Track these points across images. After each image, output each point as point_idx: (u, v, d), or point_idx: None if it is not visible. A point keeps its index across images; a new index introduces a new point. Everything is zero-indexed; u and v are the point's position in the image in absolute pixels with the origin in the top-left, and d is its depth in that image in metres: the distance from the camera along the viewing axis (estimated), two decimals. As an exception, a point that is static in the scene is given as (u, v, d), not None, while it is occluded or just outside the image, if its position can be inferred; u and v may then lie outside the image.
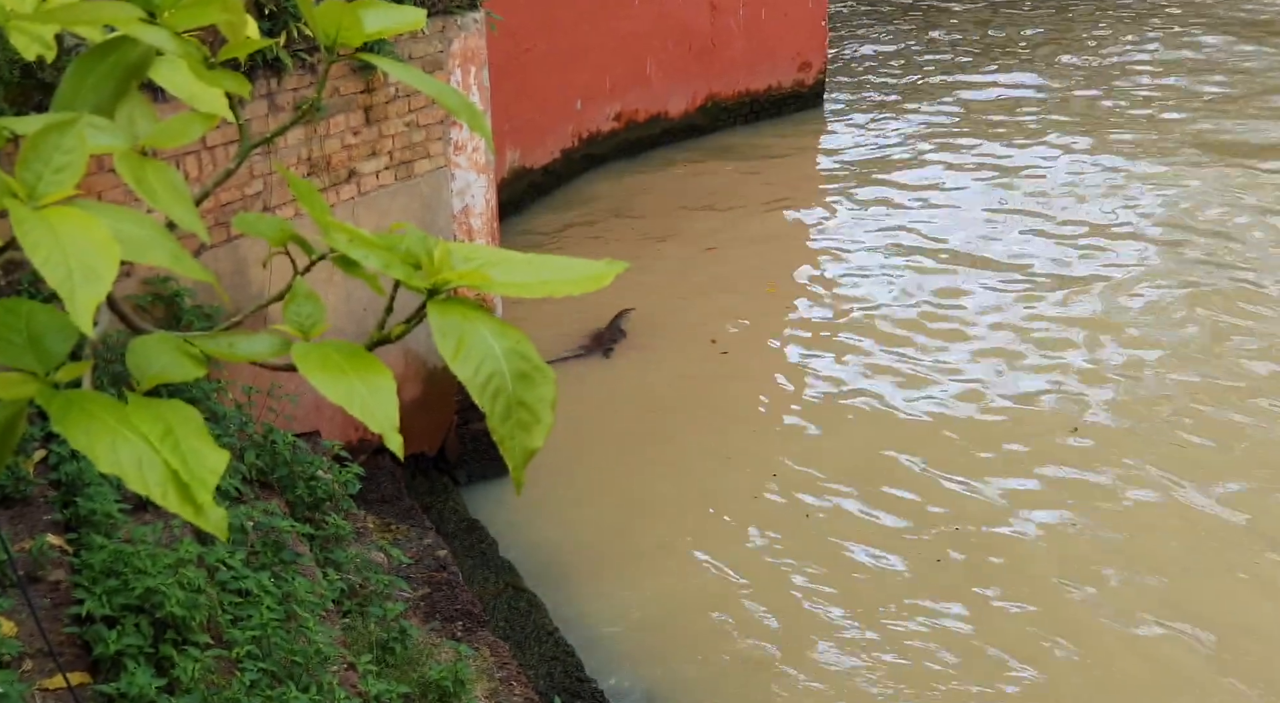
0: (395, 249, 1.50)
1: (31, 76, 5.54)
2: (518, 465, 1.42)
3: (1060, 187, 12.49)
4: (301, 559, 5.38)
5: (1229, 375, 9.02)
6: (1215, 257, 10.75)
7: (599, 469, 8.30)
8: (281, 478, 6.18)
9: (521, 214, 11.97)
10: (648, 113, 13.58)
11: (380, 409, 1.35)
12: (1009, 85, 15.45)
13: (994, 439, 8.39)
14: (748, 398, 9.06)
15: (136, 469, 1.15)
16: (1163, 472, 7.97)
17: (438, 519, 7.46)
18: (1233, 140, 13.34)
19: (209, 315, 6.57)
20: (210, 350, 1.39)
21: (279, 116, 6.96)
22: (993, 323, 9.95)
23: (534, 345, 1.49)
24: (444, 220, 7.97)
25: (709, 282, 10.75)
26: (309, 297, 1.45)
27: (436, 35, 7.74)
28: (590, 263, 1.55)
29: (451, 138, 7.93)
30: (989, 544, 7.41)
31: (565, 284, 1.51)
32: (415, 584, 6.35)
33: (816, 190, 13.05)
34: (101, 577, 4.32)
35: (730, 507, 7.86)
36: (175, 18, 1.54)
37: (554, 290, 1.51)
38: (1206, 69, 15.72)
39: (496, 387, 1.40)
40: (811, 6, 14.58)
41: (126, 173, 1.35)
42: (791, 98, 14.73)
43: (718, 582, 7.22)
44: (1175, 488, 7.82)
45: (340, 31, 1.63)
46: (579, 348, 9.81)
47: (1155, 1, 18.56)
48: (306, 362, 1.35)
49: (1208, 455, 8.13)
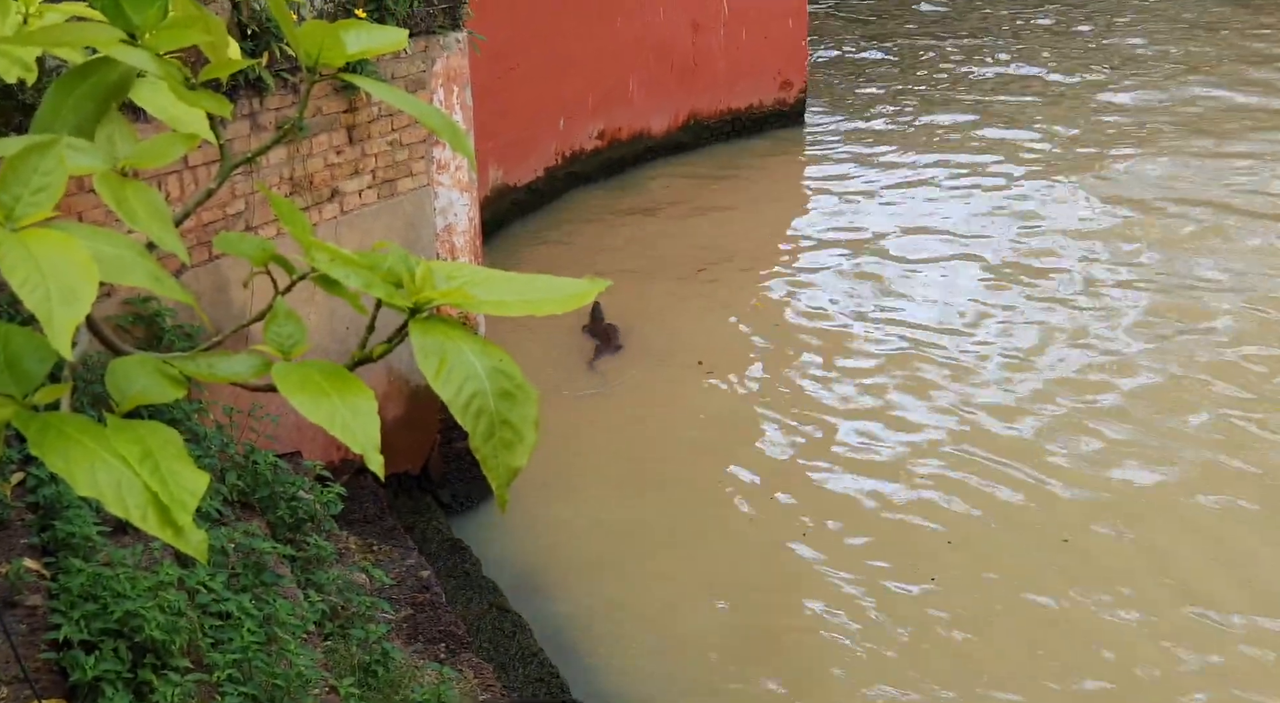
0: (377, 268, 1.50)
1: (11, 98, 5.52)
2: (501, 484, 1.41)
3: (1042, 195, 12.55)
4: (283, 581, 5.34)
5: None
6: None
7: (585, 490, 8.28)
8: (263, 499, 6.14)
9: (505, 232, 11.97)
10: (631, 131, 13.62)
11: (361, 430, 1.34)
12: (992, 100, 15.54)
13: (988, 462, 8.39)
14: (735, 420, 9.04)
15: (115, 492, 1.14)
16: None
17: (421, 539, 7.43)
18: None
19: (190, 335, 6.54)
20: (190, 371, 1.38)
21: (261, 136, 6.94)
22: (982, 340, 9.98)
23: (517, 364, 1.49)
24: (427, 239, 7.96)
25: (695, 302, 10.76)
26: (290, 317, 1.45)
27: (419, 55, 7.75)
28: (572, 281, 1.55)
29: (434, 157, 7.93)
30: (983, 565, 7.41)
31: (548, 303, 1.51)
32: (398, 606, 6.31)
33: (800, 209, 13.08)
34: (79, 601, 4.28)
35: (719, 531, 7.83)
36: (156, 39, 1.54)
37: (536, 309, 1.51)
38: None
39: (479, 406, 1.40)
40: (792, 26, 14.66)
41: (106, 194, 1.34)
42: (773, 116, 14.79)
43: (706, 606, 7.19)
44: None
45: (322, 52, 1.63)
46: (598, 353, 9.93)
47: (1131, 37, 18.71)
48: (287, 382, 1.35)
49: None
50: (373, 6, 7.40)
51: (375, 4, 7.40)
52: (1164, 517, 7.77)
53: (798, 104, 14.99)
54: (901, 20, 19.28)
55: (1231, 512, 7.75)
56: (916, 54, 17.56)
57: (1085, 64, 16.74)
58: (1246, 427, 8.56)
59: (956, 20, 19.09)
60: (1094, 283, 10.82)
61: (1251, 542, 7.47)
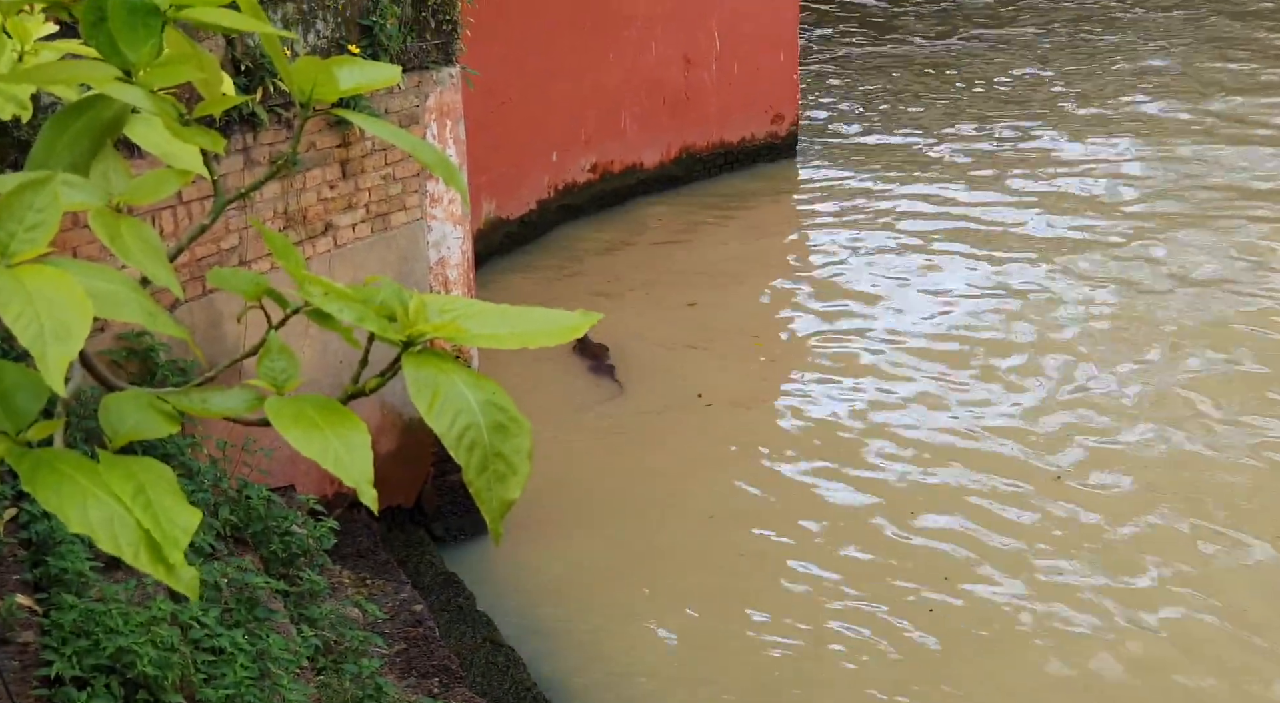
0: (370, 302, 1.50)
1: (7, 134, 5.55)
2: (495, 517, 1.42)
3: (1036, 223, 12.61)
4: (276, 616, 5.32)
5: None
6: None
7: (581, 524, 8.26)
8: (256, 533, 6.12)
9: (497, 264, 11.99)
10: (623, 164, 13.68)
11: (355, 464, 1.34)
12: (982, 132, 15.63)
13: (989, 494, 8.38)
14: (733, 453, 9.03)
15: (108, 529, 1.14)
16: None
17: (414, 573, 7.40)
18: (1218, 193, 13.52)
19: (184, 370, 6.53)
20: (184, 407, 1.38)
21: (255, 171, 6.97)
22: (978, 370, 9.99)
23: (510, 397, 1.49)
24: (420, 272, 7.98)
25: (691, 334, 10.77)
26: (283, 351, 1.45)
27: (412, 90, 7.79)
28: (564, 314, 1.55)
29: (428, 190, 7.96)
30: (983, 596, 7.39)
31: (540, 335, 1.52)
32: (391, 640, 6.28)
33: (793, 242, 13.12)
34: (72, 637, 4.26)
35: (715, 564, 7.80)
36: (151, 76, 1.55)
37: (529, 342, 1.51)
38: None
39: (472, 439, 1.40)
40: (783, 60, 14.76)
41: (101, 230, 1.35)
42: (765, 149, 14.87)
43: (703, 641, 7.15)
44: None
45: (315, 88, 1.64)
46: (595, 370, 10.08)
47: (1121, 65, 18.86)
48: (281, 417, 1.35)
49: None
50: (366, 42, 7.45)
51: (369, 39, 7.45)
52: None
53: (789, 137, 15.07)
54: (897, 47, 19.42)
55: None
56: (909, 86, 17.68)
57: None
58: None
59: (949, 54, 19.23)
60: (1069, 303, 10.85)
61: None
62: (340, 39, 7.36)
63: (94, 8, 1.55)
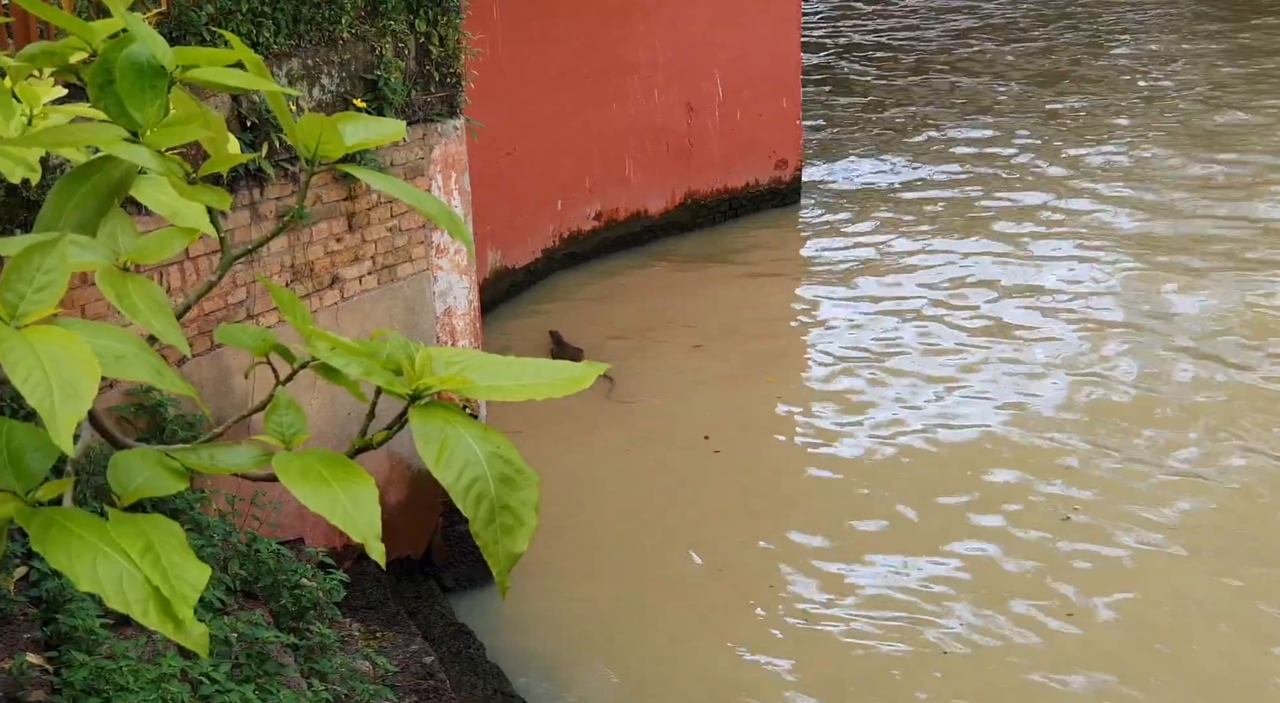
0: (377, 356, 1.51)
1: (16, 194, 5.60)
2: (502, 571, 1.42)
3: (1047, 270, 12.63)
4: (286, 670, 5.29)
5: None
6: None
7: (591, 572, 8.21)
8: (266, 587, 6.10)
9: (503, 311, 12.02)
10: (628, 211, 13.74)
11: (362, 518, 1.35)
12: (996, 171, 15.70)
13: (995, 534, 8.34)
14: (742, 499, 8.98)
15: (117, 587, 1.14)
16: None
17: (424, 624, 7.36)
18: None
19: (192, 424, 6.55)
20: (192, 464, 1.39)
21: (262, 225, 7.02)
22: (984, 411, 9.96)
23: (518, 449, 1.50)
24: (427, 322, 8.00)
25: (696, 378, 10.77)
26: (290, 406, 1.46)
27: (417, 142, 7.85)
28: (570, 365, 1.56)
29: (433, 241, 8.01)
30: (991, 647, 7.33)
31: (547, 387, 1.53)
32: (402, 693, 6.24)
33: (797, 286, 13.15)
34: (82, 695, 4.24)
35: (726, 614, 7.74)
36: (157, 137, 1.57)
37: (535, 393, 1.52)
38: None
39: (479, 492, 1.40)
40: (786, 106, 14.86)
41: (108, 289, 1.36)
42: (769, 194, 14.93)
43: (711, 692, 7.09)
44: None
45: (320, 144, 1.66)
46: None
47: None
48: (289, 472, 1.35)
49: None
50: (371, 96, 7.52)
51: (373, 93, 7.52)
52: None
53: (793, 182, 15.14)
54: (898, 89, 19.55)
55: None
56: (912, 127, 17.78)
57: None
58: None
59: (949, 92, 19.35)
60: (1086, 354, 10.85)
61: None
62: (345, 93, 7.43)
63: (102, 70, 1.57)
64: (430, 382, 1.46)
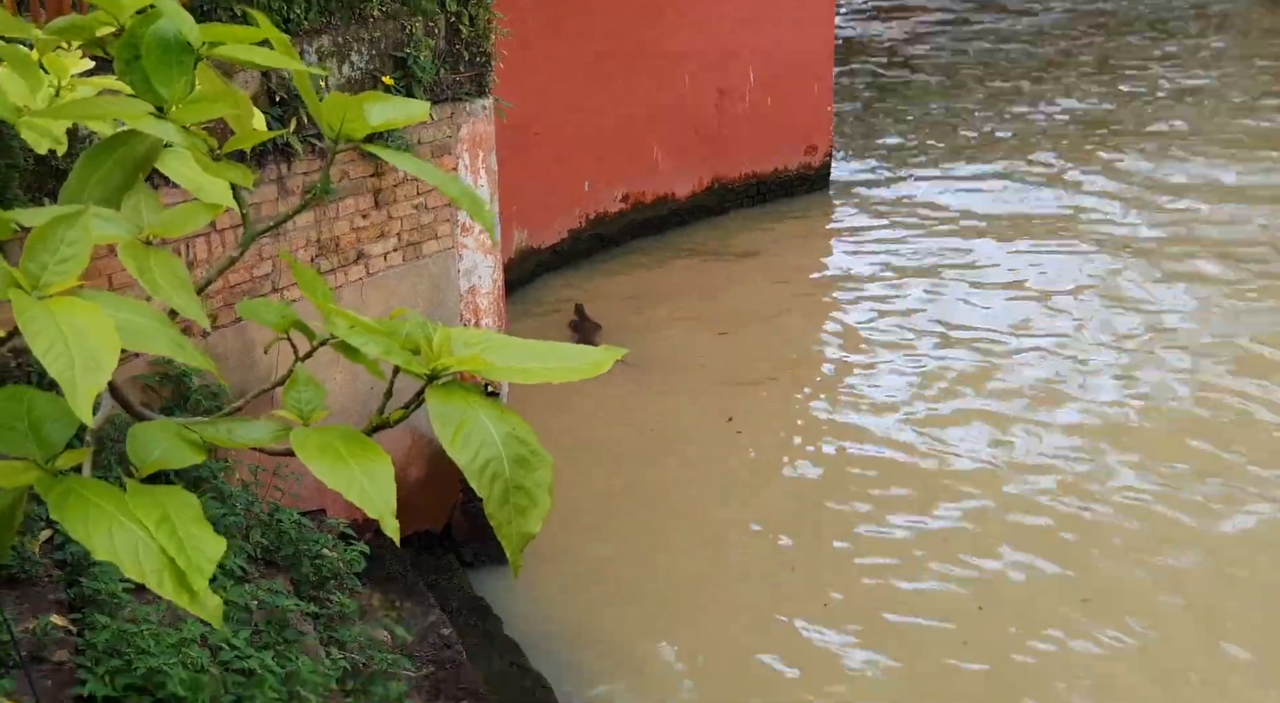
0: (396, 335, 1.52)
1: (45, 163, 5.64)
2: (515, 550, 1.43)
3: (1070, 263, 12.55)
4: (305, 638, 5.34)
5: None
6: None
7: (609, 548, 8.25)
8: (287, 557, 6.16)
9: (528, 292, 12.05)
10: (655, 195, 13.72)
11: (378, 495, 1.36)
12: (1020, 157, 15.60)
13: (1012, 522, 8.33)
14: (765, 480, 9.00)
15: (132, 556, 1.16)
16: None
17: (442, 597, 7.41)
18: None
19: (216, 395, 6.59)
20: (210, 437, 1.40)
21: (289, 200, 7.05)
22: (1009, 400, 9.93)
23: (536, 430, 1.51)
24: (452, 300, 8.03)
25: (722, 362, 10.77)
26: (309, 382, 1.47)
27: (445, 121, 7.86)
28: (589, 349, 1.57)
29: (459, 220, 8.02)
30: (1011, 612, 7.34)
31: (565, 371, 1.53)
32: (419, 663, 6.29)
33: (825, 271, 13.12)
34: (104, 657, 4.29)
35: (746, 591, 7.76)
36: (183, 112, 1.58)
37: (553, 376, 1.53)
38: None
39: (494, 472, 1.41)
40: (817, 92, 14.79)
41: (130, 263, 1.38)
42: (798, 180, 14.88)
43: (729, 667, 7.12)
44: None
45: (344, 124, 1.67)
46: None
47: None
48: (306, 448, 1.37)
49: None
50: (400, 73, 7.53)
51: (403, 71, 7.53)
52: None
53: (823, 167, 15.08)
54: (926, 79, 19.44)
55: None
56: (943, 115, 17.67)
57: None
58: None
59: (977, 83, 19.22)
60: (1146, 343, 10.79)
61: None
62: (375, 71, 7.44)
63: (129, 45, 1.59)
64: (448, 362, 1.47)
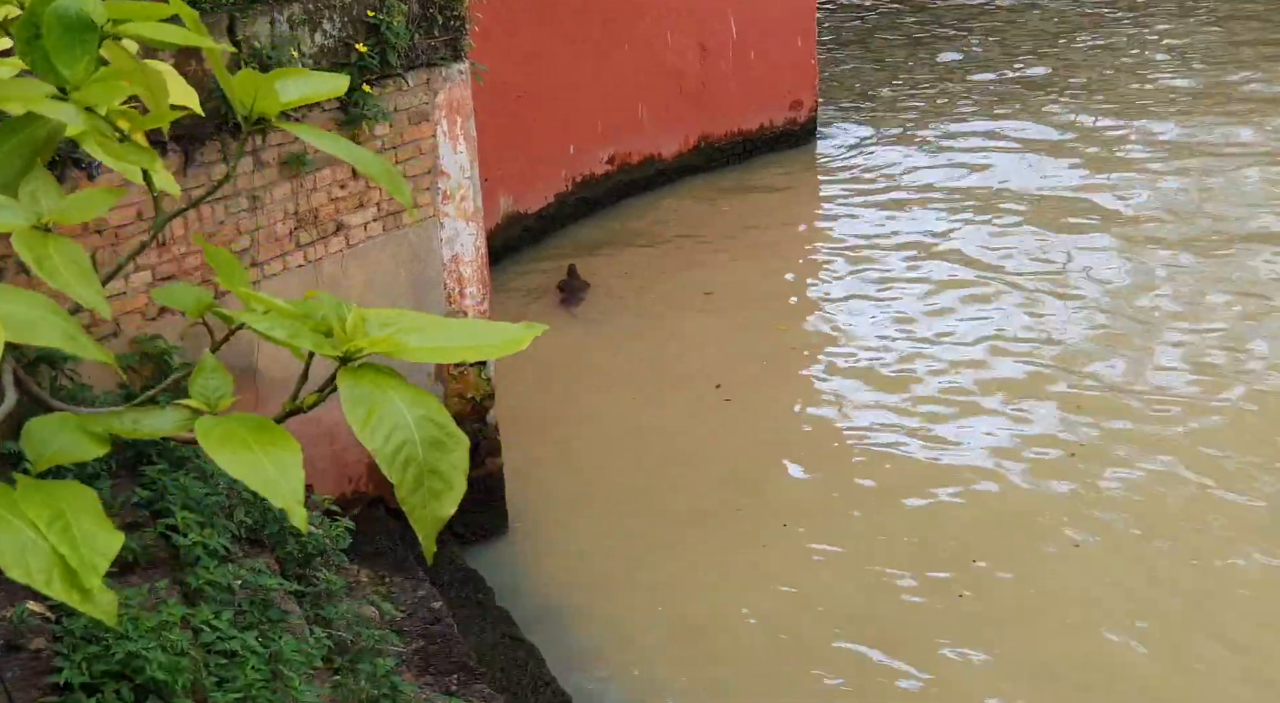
0: (310, 318, 1.49)
1: None
2: (428, 535, 1.40)
3: (1053, 216, 12.48)
4: (290, 617, 5.33)
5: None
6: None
7: (599, 517, 8.25)
8: (272, 534, 6.14)
9: (516, 260, 11.98)
10: (641, 155, 13.63)
11: (285, 485, 1.33)
12: (1002, 117, 15.49)
13: (1007, 484, 8.32)
14: (753, 446, 8.96)
15: (18, 556, 1.13)
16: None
17: (434, 570, 7.41)
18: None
19: (198, 373, 6.56)
20: (114, 428, 1.37)
21: (264, 172, 6.99)
22: (998, 357, 9.89)
23: (448, 411, 1.47)
24: (434, 269, 7.97)
25: (709, 325, 10.72)
26: (216, 370, 1.44)
27: (421, 87, 7.78)
28: (509, 326, 1.53)
29: (440, 187, 7.95)
30: (999, 585, 7.34)
31: (484, 349, 1.50)
32: (409, 638, 6.29)
33: (813, 229, 13.05)
34: (82, 643, 4.28)
35: (736, 559, 7.76)
36: (89, 93, 1.54)
37: (471, 355, 1.49)
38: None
39: (407, 456, 1.38)
40: (800, 46, 14.66)
41: (25, 251, 1.34)
42: (784, 136, 14.78)
43: (722, 636, 7.12)
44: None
45: (257, 101, 1.63)
46: (564, 302, 11.20)
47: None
48: (210, 438, 1.33)
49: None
50: (374, 40, 7.44)
51: (376, 38, 7.44)
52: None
53: (808, 123, 14.98)
54: (910, 33, 19.28)
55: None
56: (927, 68, 17.53)
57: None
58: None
59: (962, 35, 19.06)
60: (1122, 300, 10.74)
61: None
62: (348, 38, 7.35)
63: (28, 24, 1.54)
64: (361, 344, 1.44)
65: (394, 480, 1.36)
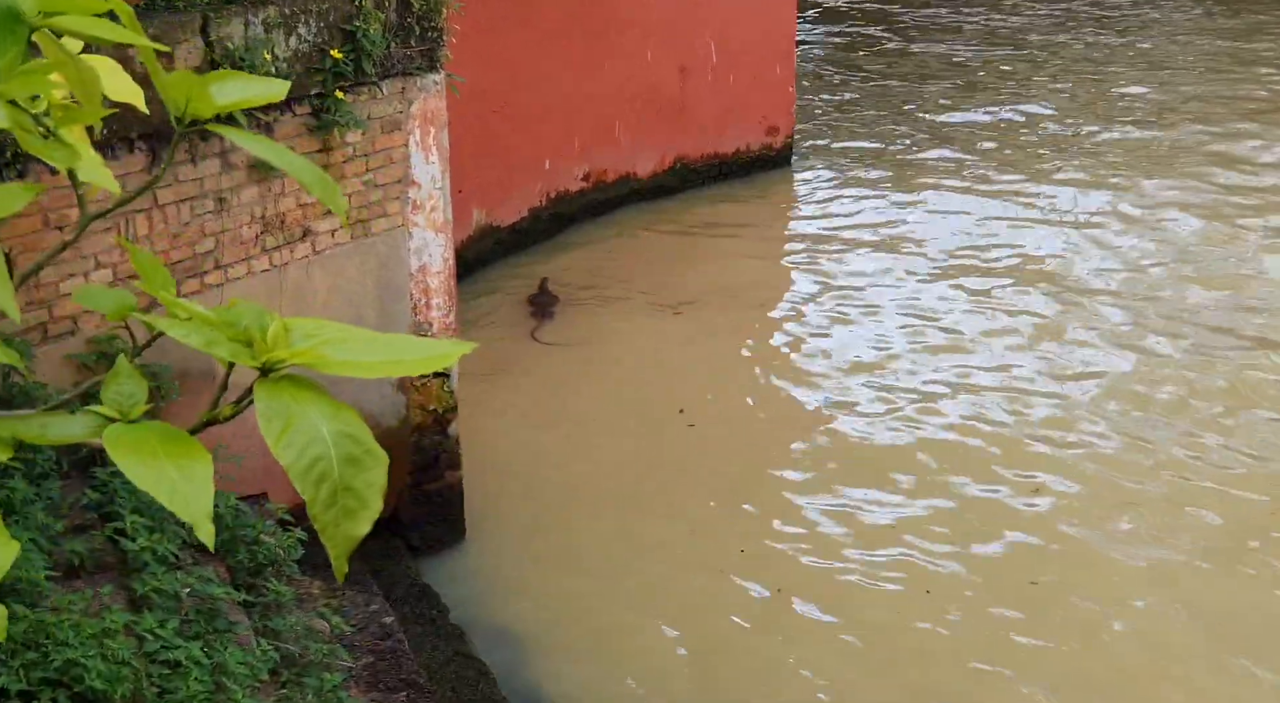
0: (231, 326, 1.45)
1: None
2: (340, 555, 1.36)
3: (1031, 242, 12.54)
4: (237, 628, 5.25)
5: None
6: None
7: (558, 535, 8.19)
8: (224, 543, 6.06)
9: (488, 272, 11.94)
10: (616, 173, 13.62)
11: (194, 498, 1.29)
12: (983, 137, 15.58)
13: (976, 508, 8.32)
14: (716, 470, 8.91)
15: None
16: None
17: (388, 584, 7.33)
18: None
19: (156, 374, 6.48)
20: (20, 433, 1.33)
21: (232, 175, 6.93)
22: (968, 383, 9.91)
23: (367, 427, 1.44)
24: (401, 279, 7.92)
25: (676, 347, 10.70)
26: (130, 375, 1.39)
27: (396, 96, 7.74)
28: (435, 342, 1.50)
29: (410, 197, 7.91)
30: (973, 597, 7.33)
31: (408, 364, 1.47)
32: (358, 653, 6.22)
33: (784, 252, 13.06)
34: (21, 649, 4.20)
35: (696, 582, 7.71)
36: (12, 86, 1.50)
37: (393, 371, 1.46)
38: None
39: (321, 472, 1.35)
40: (779, 72, 14.70)
41: (-69, 248, 1.30)
42: (760, 160, 14.80)
43: (677, 657, 7.07)
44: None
45: (190, 103, 1.59)
46: (533, 317, 11.20)
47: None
48: (118, 446, 1.29)
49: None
50: (349, 47, 7.40)
51: (351, 44, 7.40)
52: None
53: (784, 148, 15.01)
54: (889, 62, 19.38)
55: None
56: (904, 96, 17.62)
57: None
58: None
59: (942, 65, 19.18)
60: (1073, 326, 10.79)
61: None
62: (323, 44, 7.31)
63: (-47, 16, 1.49)
64: (281, 355, 1.40)
65: (306, 497, 1.32)
